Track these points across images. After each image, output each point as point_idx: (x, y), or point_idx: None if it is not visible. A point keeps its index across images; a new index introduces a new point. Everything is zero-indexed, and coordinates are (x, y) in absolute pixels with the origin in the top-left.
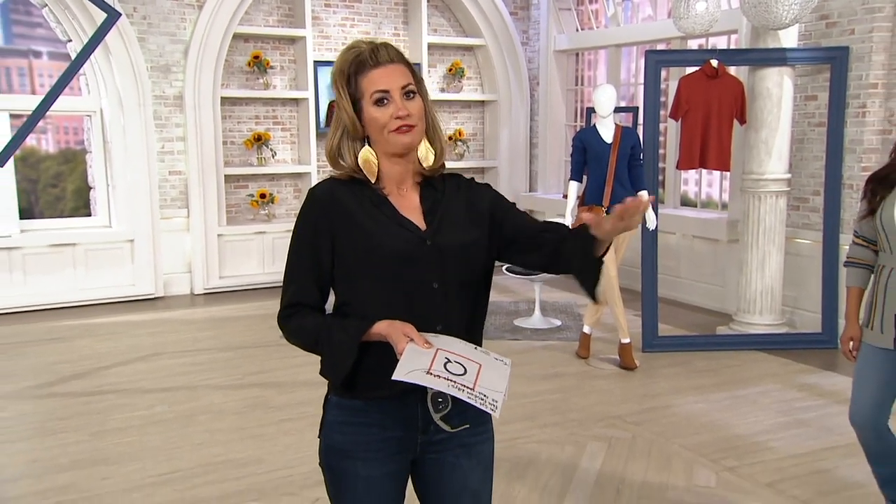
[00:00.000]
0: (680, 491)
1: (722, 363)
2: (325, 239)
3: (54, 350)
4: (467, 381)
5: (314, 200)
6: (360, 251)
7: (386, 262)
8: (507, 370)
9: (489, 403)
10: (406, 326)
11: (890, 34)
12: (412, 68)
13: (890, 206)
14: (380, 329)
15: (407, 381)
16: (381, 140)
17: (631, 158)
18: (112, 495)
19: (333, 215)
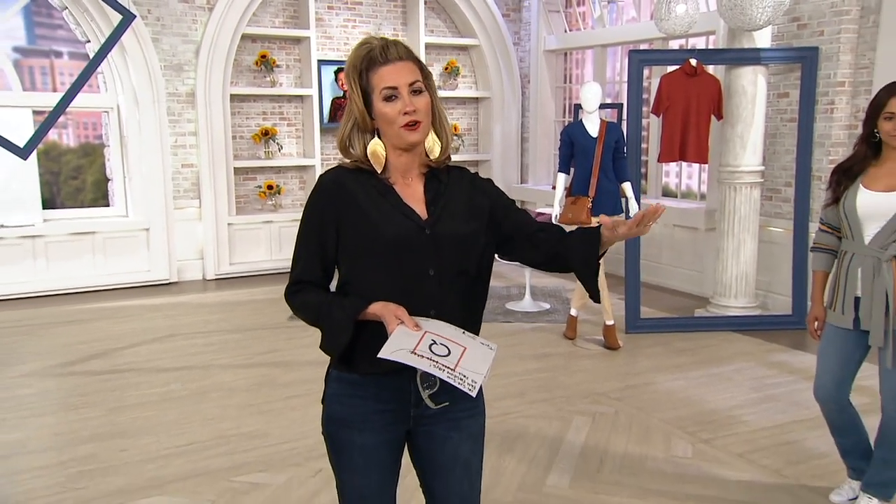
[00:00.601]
0: (658, 461)
1: (699, 343)
2: (331, 224)
3: (75, 332)
4: (449, 363)
5: (322, 187)
6: (363, 236)
7: (386, 247)
8: (491, 354)
9: (468, 384)
10: (398, 309)
11: (856, 35)
12: (421, 65)
13: (852, 195)
14: (374, 309)
15: (391, 359)
16: (390, 133)
17: (615, 151)
18: (129, 466)
19: (339, 202)
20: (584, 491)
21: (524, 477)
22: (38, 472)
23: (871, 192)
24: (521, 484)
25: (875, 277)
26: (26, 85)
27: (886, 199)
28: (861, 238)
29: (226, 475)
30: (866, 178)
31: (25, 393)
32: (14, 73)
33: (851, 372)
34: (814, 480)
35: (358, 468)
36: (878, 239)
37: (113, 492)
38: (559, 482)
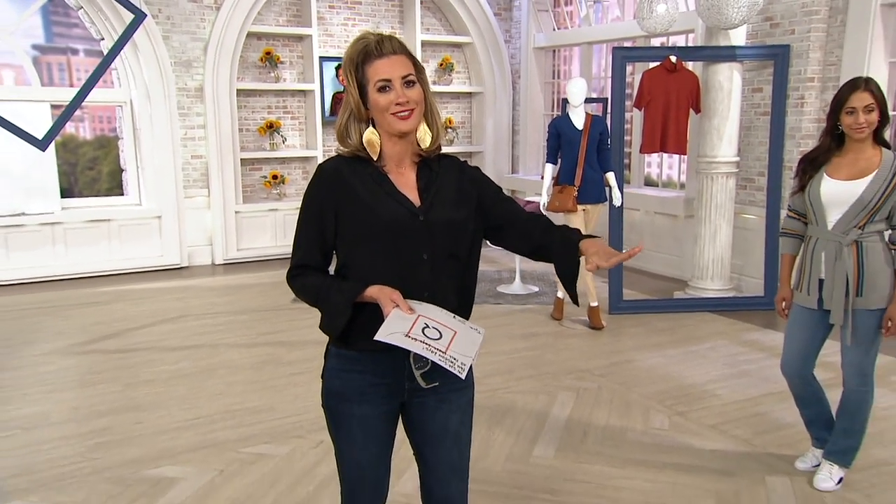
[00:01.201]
0: (637, 433)
1: (677, 323)
2: (329, 211)
3: (92, 313)
4: (441, 346)
5: (321, 176)
6: (359, 222)
7: (381, 232)
8: (479, 339)
9: (458, 366)
10: (393, 293)
11: (825, 34)
12: (414, 59)
13: (817, 183)
14: (371, 293)
15: (387, 341)
16: (384, 122)
17: (600, 143)
18: (143, 437)
19: (337, 190)
20: (568, 461)
21: (512, 448)
22: (58, 442)
23: (834, 181)
24: (509, 454)
25: (836, 261)
26: (45, 80)
27: (848, 187)
28: (825, 224)
29: (232, 446)
30: (830, 168)
31: (47, 370)
32: (33, 69)
33: (816, 348)
34: (781, 449)
35: (355, 438)
36: (840, 224)
37: (128, 461)
38: (545, 453)
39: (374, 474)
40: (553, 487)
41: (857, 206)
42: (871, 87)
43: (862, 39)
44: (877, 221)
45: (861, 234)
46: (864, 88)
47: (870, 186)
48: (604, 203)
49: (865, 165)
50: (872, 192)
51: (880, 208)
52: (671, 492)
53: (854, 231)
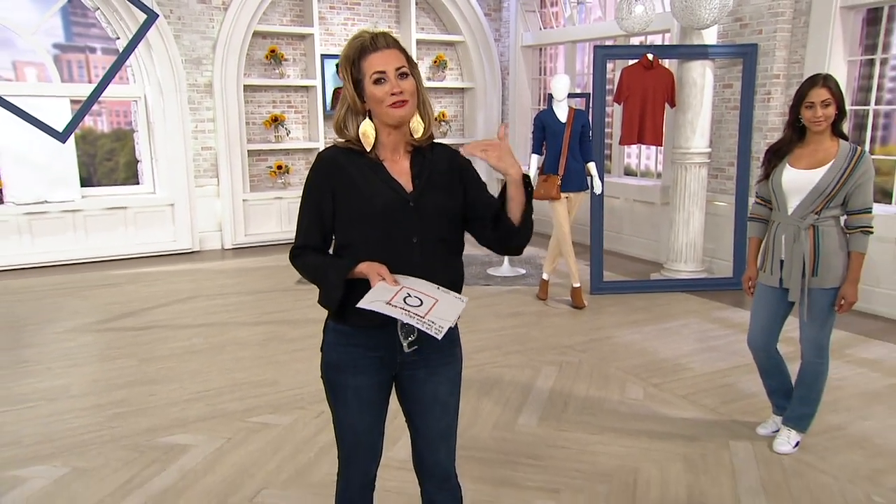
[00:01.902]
0: (614, 403)
1: (653, 302)
2: (327, 196)
3: (110, 294)
4: (420, 312)
5: (319, 164)
6: (354, 207)
7: (374, 216)
8: (461, 305)
9: (435, 329)
10: (381, 267)
11: (790, 34)
12: (406, 53)
13: (780, 172)
14: (360, 268)
15: (369, 307)
16: (380, 112)
17: (581, 135)
18: (157, 408)
19: (334, 176)
20: (550, 429)
21: (499, 417)
22: (79, 412)
23: (795, 170)
24: (496, 423)
25: (795, 243)
26: (65, 77)
27: (807, 175)
28: (786, 209)
29: (239, 416)
30: (792, 158)
31: (68, 346)
32: (54, 67)
33: (778, 324)
34: (745, 416)
35: (351, 406)
36: (799, 210)
37: (143, 430)
38: (529, 421)
39: (368, 439)
40: (536, 453)
41: (815, 193)
42: (828, 83)
43: (823, 39)
44: (832, 207)
45: (818, 218)
46: (821, 85)
47: (826, 175)
48: (586, 191)
49: (823, 156)
50: (828, 181)
51: (835, 195)
52: (644, 456)
53: (811, 216)
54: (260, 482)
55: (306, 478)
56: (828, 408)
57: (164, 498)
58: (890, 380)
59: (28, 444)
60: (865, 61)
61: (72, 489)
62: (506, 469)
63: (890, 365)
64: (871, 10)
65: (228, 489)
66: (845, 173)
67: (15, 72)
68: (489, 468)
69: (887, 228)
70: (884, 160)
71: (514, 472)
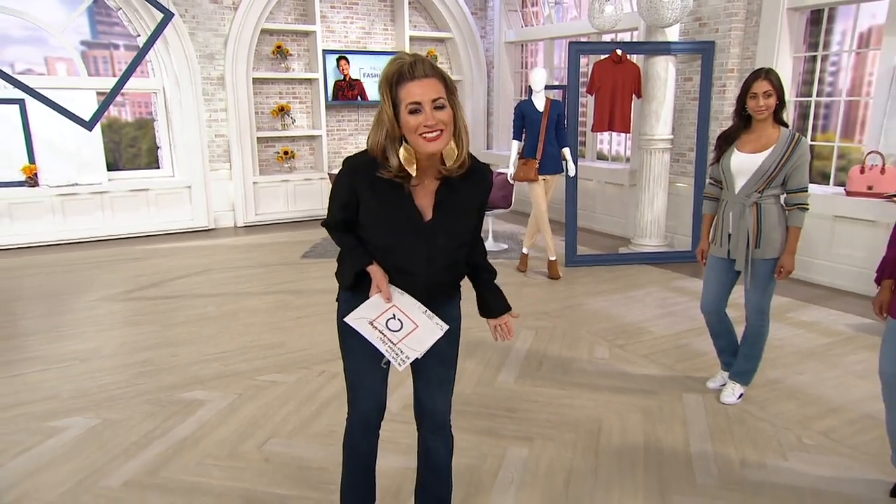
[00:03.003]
0: (583, 362)
1: (621, 273)
2: (353, 196)
3: (134, 267)
4: (395, 338)
5: (349, 168)
6: (371, 218)
7: (387, 234)
8: (438, 334)
9: (400, 359)
10: (382, 281)
11: (743, 33)
12: (446, 81)
13: (728, 156)
14: (370, 270)
15: (352, 324)
16: (413, 141)
17: (558, 123)
18: (177, 367)
19: (359, 183)
20: (525, 385)
21: (480, 375)
22: (109, 371)
23: (742, 154)
24: (478, 381)
25: (740, 219)
26: (91, 71)
27: (751, 159)
28: (733, 189)
29: (250, 375)
30: (739, 143)
31: (98, 313)
32: (81, 62)
33: (727, 291)
34: (697, 372)
35: (359, 357)
36: (744, 189)
37: (165, 387)
38: (507, 379)
39: (371, 384)
40: (513, 406)
41: (758, 174)
42: (770, 77)
43: (772, 37)
44: (773, 187)
45: (760, 197)
46: (764, 78)
47: (768, 158)
48: (561, 174)
49: (766, 141)
50: (770, 163)
51: (776, 176)
52: (607, 408)
53: (755, 195)
54: (267, 432)
55: (309, 429)
56: (768, 364)
57: (182, 446)
58: (823, 340)
59: (65, 398)
60: (809, 57)
61: (103, 437)
62: (486, 421)
63: (824, 327)
64: (814, 12)
65: (240, 438)
66: (784, 156)
67: (46, 67)
68: (471, 420)
69: (825, 207)
70: (824, 146)
71: (492, 423)
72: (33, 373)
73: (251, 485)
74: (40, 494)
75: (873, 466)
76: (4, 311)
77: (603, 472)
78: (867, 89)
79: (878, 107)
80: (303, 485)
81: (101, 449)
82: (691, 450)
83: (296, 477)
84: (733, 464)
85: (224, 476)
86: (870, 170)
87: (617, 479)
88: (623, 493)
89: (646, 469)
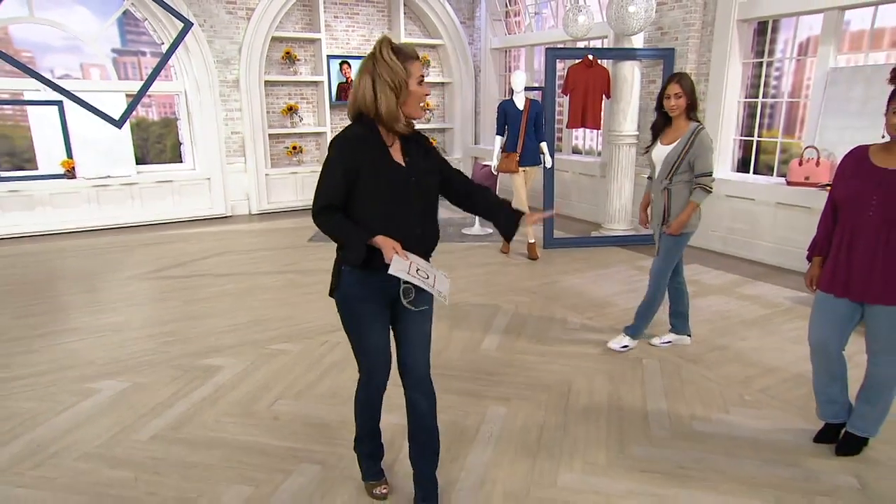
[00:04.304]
0: (557, 331)
1: (592, 254)
2: (350, 164)
3: (160, 250)
4: (429, 284)
5: (346, 139)
6: (369, 177)
7: (384, 185)
8: (448, 282)
9: (442, 297)
10: (396, 244)
11: (699, 41)
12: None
13: (654, 147)
14: (377, 241)
15: (398, 276)
16: (411, 106)
17: (536, 120)
18: (198, 338)
19: (357, 150)
20: (505, 352)
21: (466, 343)
22: (138, 341)
23: (660, 146)
24: (464, 348)
25: (657, 200)
26: (121, 75)
27: (665, 149)
28: (655, 175)
29: (261, 344)
30: (662, 137)
31: (128, 290)
32: (112, 67)
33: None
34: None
35: (374, 327)
36: (660, 175)
37: (187, 354)
38: (490, 346)
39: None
40: (495, 370)
41: (666, 162)
42: (681, 81)
43: (724, 45)
44: (681, 173)
45: (669, 183)
46: (676, 81)
47: (674, 149)
48: (539, 166)
49: (677, 134)
50: (675, 153)
51: (680, 164)
52: (576, 371)
53: (665, 180)
54: (276, 394)
55: (312, 391)
56: (716, 332)
57: (202, 405)
58: (764, 311)
59: (100, 364)
60: (756, 63)
61: (133, 398)
62: (470, 383)
63: (766, 300)
64: (760, 23)
65: (252, 399)
66: (686, 147)
67: (82, 72)
68: (457, 383)
69: (769, 195)
70: (769, 141)
71: (476, 386)
72: (73, 342)
73: (263, 439)
74: (79, 447)
75: (801, 418)
76: (48, 288)
77: (571, 427)
78: (806, 92)
79: (815, 107)
80: (307, 439)
81: (131, 408)
82: (648, 407)
83: (301, 432)
84: (684, 418)
85: (239, 431)
86: (807, 163)
87: (583, 432)
88: (588, 445)
89: (608, 424)
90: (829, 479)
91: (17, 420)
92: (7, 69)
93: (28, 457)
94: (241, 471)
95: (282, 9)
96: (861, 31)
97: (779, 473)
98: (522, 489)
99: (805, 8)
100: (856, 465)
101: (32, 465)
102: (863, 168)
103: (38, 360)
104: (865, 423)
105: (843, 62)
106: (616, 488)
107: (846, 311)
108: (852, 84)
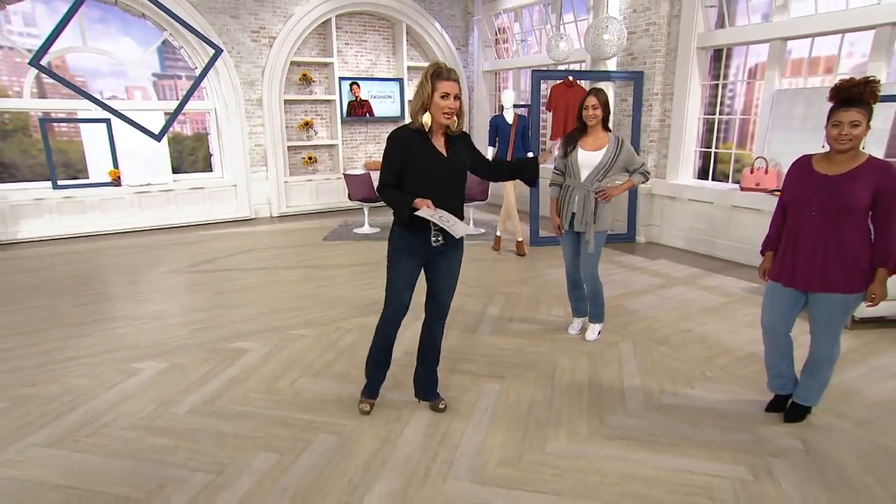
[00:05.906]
0: (543, 319)
1: None
2: (401, 156)
3: (194, 248)
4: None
5: (398, 138)
6: (415, 165)
7: (427, 173)
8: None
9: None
10: (428, 201)
11: (664, 65)
12: (460, 84)
13: (575, 153)
14: (416, 202)
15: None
16: (435, 115)
17: (524, 134)
18: (226, 325)
19: (406, 146)
20: (497, 337)
21: (463, 330)
22: (173, 327)
23: (585, 151)
24: (459, 335)
25: (586, 201)
26: (160, 96)
27: (593, 155)
28: (579, 177)
29: (283, 330)
30: (582, 143)
31: (165, 283)
32: (152, 89)
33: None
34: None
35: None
36: (588, 178)
37: (217, 339)
38: (484, 332)
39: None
40: (488, 353)
41: (598, 167)
42: (598, 94)
43: (685, 69)
44: (611, 176)
45: (599, 185)
46: (593, 94)
47: (604, 156)
48: None
49: (600, 143)
50: (606, 159)
51: (611, 168)
52: (560, 353)
53: (595, 183)
54: (297, 373)
55: (329, 370)
56: (682, 318)
57: (231, 384)
58: (722, 299)
59: (143, 347)
60: (713, 85)
61: (171, 377)
62: (466, 364)
63: (723, 290)
64: (716, 50)
65: (275, 378)
66: (615, 154)
67: (126, 93)
68: (455, 363)
69: (725, 199)
70: (724, 153)
71: (472, 366)
72: (119, 328)
73: (284, 412)
74: (126, 418)
75: (754, 391)
76: (97, 281)
77: (557, 401)
78: (755, 110)
79: (763, 123)
80: (323, 412)
81: (170, 385)
82: (624, 384)
83: (318, 407)
84: (654, 392)
85: (263, 405)
86: (757, 171)
87: (567, 406)
88: (571, 416)
89: (589, 398)
90: (778, 442)
91: (74, 394)
92: (64, 92)
93: (83, 426)
94: (267, 440)
95: (300, 37)
96: (801, 58)
97: (735, 438)
98: (515, 455)
99: (754, 38)
100: (800, 430)
101: (87, 434)
102: (807, 174)
103: (91, 343)
104: (808, 393)
105: (786, 84)
106: (596, 454)
107: (793, 299)
108: (794, 104)
